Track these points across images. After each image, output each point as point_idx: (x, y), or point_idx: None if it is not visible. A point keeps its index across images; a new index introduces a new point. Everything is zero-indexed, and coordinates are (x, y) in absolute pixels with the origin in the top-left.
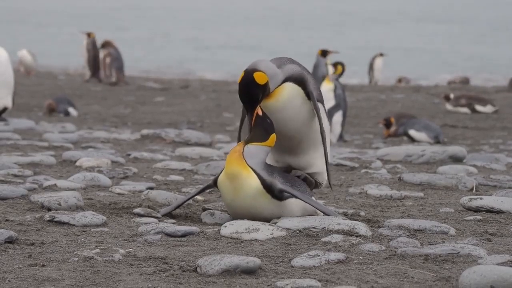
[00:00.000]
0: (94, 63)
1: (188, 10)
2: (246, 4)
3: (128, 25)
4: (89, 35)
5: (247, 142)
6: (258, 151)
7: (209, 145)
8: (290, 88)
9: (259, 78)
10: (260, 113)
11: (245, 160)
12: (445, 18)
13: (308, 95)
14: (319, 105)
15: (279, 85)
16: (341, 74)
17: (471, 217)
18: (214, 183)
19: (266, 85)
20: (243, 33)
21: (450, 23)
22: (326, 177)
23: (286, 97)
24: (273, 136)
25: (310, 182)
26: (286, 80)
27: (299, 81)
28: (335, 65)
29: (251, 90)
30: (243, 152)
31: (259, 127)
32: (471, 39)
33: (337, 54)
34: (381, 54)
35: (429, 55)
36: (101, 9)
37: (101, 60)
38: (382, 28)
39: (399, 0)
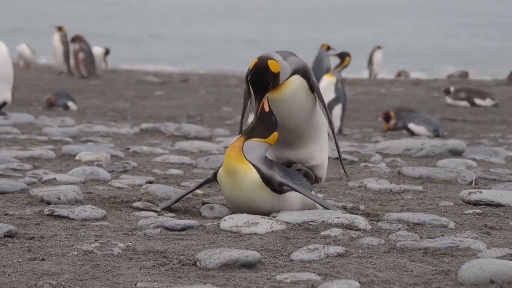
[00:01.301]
0: (67, 57)
1: (187, 6)
2: None
3: (128, 21)
4: (59, 29)
5: (247, 136)
6: (258, 146)
7: (209, 139)
8: (298, 81)
9: (273, 66)
10: (267, 109)
11: (244, 155)
12: (442, 13)
13: (311, 86)
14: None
15: (288, 78)
16: (347, 65)
17: (471, 211)
18: (214, 177)
19: (277, 75)
20: (242, 27)
21: (448, 17)
22: (325, 171)
23: (294, 90)
24: (274, 134)
25: (310, 177)
26: (293, 73)
27: (304, 73)
28: (342, 56)
29: (264, 76)
30: (242, 147)
31: (263, 123)
32: (470, 33)
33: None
34: (379, 47)
35: (428, 49)
36: (100, 4)
37: (73, 54)
38: (379, 22)
39: None
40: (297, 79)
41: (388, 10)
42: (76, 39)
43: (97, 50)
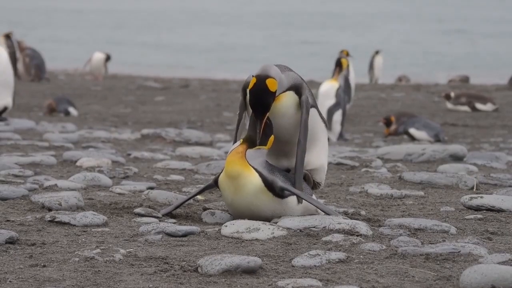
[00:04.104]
0: (14, 62)
1: (185, 11)
2: (240, 5)
3: (128, 26)
4: (7, 36)
5: (249, 145)
6: (259, 153)
7: (210, 144)
8: (291, 97)
9: (271, 85)
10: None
11: (247, 161)
12: (443, 17)
13: (301, 104)
14: (313, 110)
15: (282, 92)
16: (347, 67)
17: (472, 216)
18: (215, 183)
19: (276, 92)
20: (238, 34)
21: (448, 21)
22: (324, 177)
23: (287, 105)
24: (271, 139)
25: (309, 180)
26: (289, 88)
27: (298, 89)
28: (337, 61)
29: (264, 98)
30: (245, 153)
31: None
32: (471, 37)
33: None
34: (377, 52)
35: (429, 54)
36: (103, 11)
37: (21, 60)
38: (379, 28)
39: (390, 1)
40: (290, 95)
41: (388, 16)
42: (19, 45)
43: (98, 56)
